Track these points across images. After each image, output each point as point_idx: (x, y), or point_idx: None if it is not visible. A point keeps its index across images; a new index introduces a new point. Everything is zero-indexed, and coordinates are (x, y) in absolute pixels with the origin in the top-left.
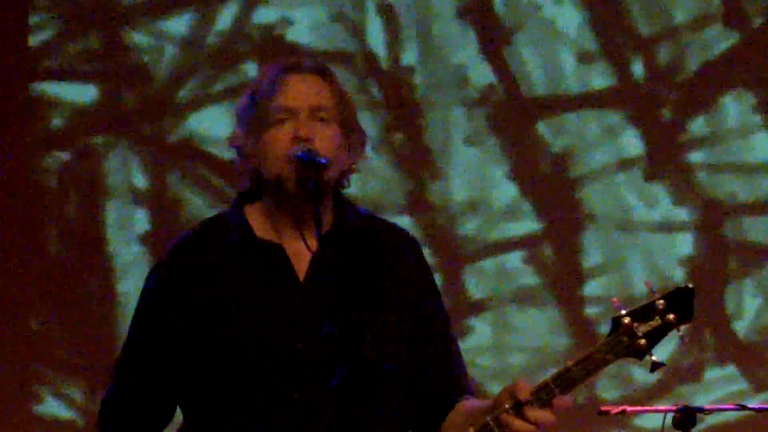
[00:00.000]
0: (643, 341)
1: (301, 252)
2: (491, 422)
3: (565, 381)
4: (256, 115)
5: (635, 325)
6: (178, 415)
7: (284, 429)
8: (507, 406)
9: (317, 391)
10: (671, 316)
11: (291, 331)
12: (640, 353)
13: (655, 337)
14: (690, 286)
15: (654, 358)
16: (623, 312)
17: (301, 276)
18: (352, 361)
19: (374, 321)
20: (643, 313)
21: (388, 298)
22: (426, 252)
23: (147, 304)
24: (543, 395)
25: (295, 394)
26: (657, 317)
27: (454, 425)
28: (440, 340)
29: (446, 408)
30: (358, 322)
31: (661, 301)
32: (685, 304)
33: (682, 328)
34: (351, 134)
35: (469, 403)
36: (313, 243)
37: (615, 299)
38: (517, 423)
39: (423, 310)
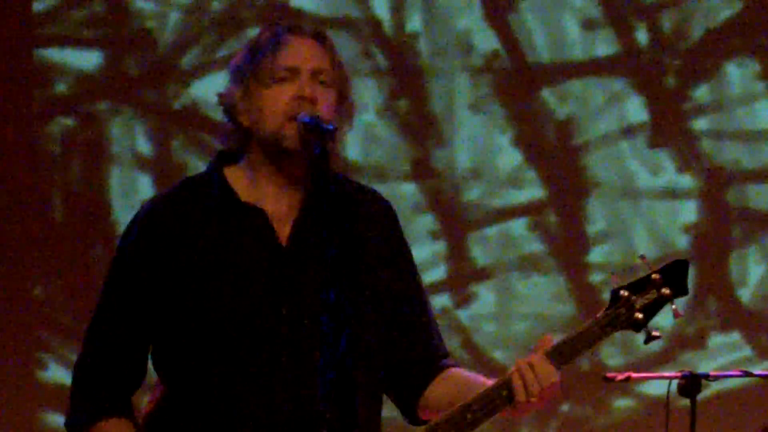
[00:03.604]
0: (640, 314)
1: (282, 216)
2: (484, 396)
3: (565, 353)
4: (256, 72)
5: (633, 298)
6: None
7: (270, 393)
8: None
9: (302, 353)
10: (666, 291)
11: (274, 294)
12: (638, 326)
13: (651, 310)
14: (685, 259)
15: (652, 331)
16: (621, 285)
17: (283, 240)
18: (337, 325)
19: (356, 285)
20: (640, 286)
21: (367, 262)
22: (430, 219)
23: (123, 264)
24: None
25: (283, 357)
26: (653, 290)
27: (452, 391)
28: (417, 305)
29: (427, 373)
30: (340, 286)
31: (657, 275)
32: (680, 278)
33: (677, 301)
34: (344, 102)
35: (467, 373)
36: (296, 206)
37: (612, 274)
38: (530, 375)
39: (400, 274)
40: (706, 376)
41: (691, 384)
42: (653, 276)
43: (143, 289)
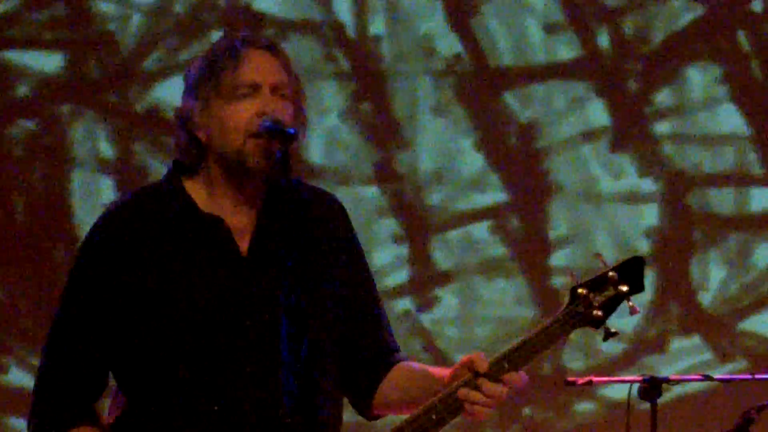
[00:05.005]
0: (599, 312)
1: (240, 227)
2: (446, 398)
3: (525, 352)
4: (216, 86)
5: (591, 295)
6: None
7: (233, 400)
8: (463, 380)
9: (263, 361)
10: (623, 287)
11: (236, 304)
12: (597, 323)
13: (609, 307)
14: (640, 256)
15: (610, 328)
16: (579, 283)
17: (243, 250)
18: (302, 332)
19: (316, 291)
20: (597, 284)
21: (325, 266)
22: (393, 222)
23: (83, 273)
24: (504, 366)
25: (246, 368)
26: (611, 287)
27: (400, 387)
28: (369, 301)
29: (380, 368)
30: (302, 294)
31: (614, 273)
32: (636, 275)
33: (633, 298)
34: (300, 114)
35: (413, 366)
36: (254, 218)
37: (570, 272)
38: (475, 394)
39: (354, 274)
40: (667, 380)
41: (651, 388)
42: (610, 274)
43: (104, 297)
